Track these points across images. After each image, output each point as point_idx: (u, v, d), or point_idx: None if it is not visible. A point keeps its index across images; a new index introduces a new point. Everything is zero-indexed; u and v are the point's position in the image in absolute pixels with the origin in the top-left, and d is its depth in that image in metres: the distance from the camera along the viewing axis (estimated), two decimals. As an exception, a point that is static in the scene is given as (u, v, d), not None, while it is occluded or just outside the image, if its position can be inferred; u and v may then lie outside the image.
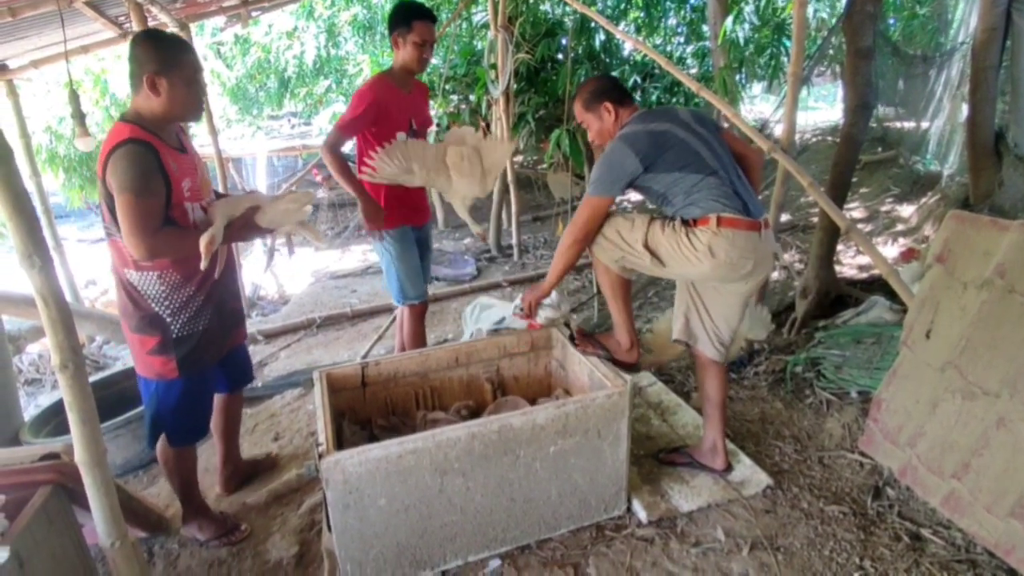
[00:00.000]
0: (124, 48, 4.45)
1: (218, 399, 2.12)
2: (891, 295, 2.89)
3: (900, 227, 5.09)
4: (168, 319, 1.75)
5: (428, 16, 2.33)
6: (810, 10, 6.10)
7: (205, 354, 1.85)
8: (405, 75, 2.44)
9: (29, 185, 2.76)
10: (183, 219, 1.72)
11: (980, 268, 1.87)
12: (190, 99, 1.70)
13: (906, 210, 5.38)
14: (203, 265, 1.68)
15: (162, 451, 1.94)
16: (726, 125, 3.60)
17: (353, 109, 2.33)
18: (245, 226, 1.81)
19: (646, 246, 1.83)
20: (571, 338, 2.16)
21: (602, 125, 1.93)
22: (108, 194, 1.60)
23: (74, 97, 3.01)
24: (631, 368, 2.09)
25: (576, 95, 1.98)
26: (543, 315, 2.27)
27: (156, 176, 1.61)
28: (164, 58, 1.63)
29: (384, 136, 2.36)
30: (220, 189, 4.60)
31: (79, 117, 3.02)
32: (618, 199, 2.10)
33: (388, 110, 2.36)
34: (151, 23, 3.43)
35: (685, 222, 1.80)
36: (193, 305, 1.79)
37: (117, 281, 1.77)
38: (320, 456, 1.58)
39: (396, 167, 2.27)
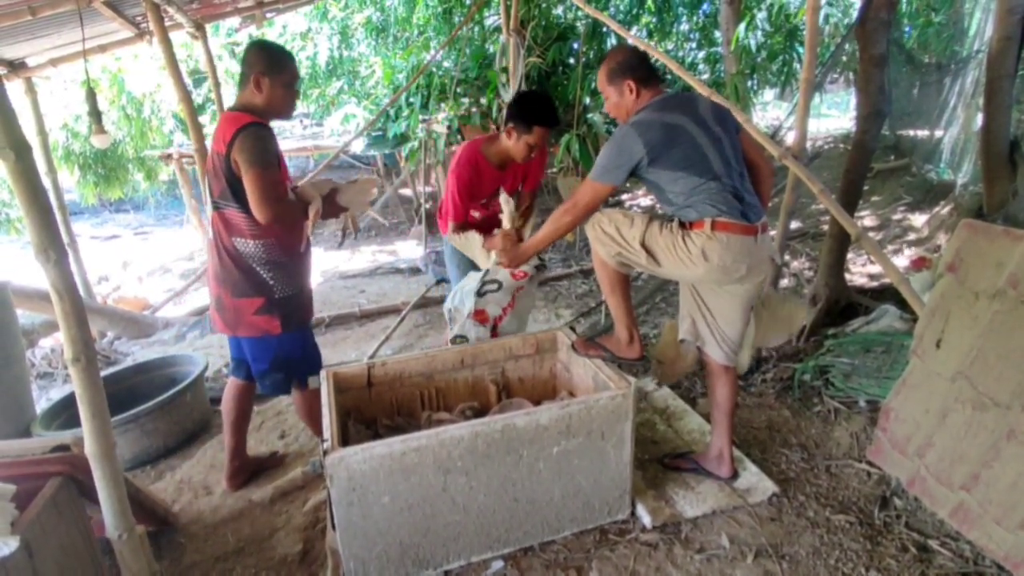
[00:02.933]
0: (141, 48, 4.51)
1: (238, 387, 2.24)
2: (901, 304, 2.87)
3: (912, 236, 5.05)
4: (271, 282, 2.01)
5: (550, 122, 2.27)
6: (822, 16, 6.09)
7: (302, 311, 2.13)
8: (506, 158, 2.41)
9: (45, 181, 2.80)
10: (286, 194, 2.00)
11: (992, 278, 1.85)
12: (286, 100, 1.98)
13: (918, 219, 5.33)
14: (309, 231, 2.06)
15: (302, 398, 2.20)
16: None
17: (451, 195, 2.42)
18: (331, 204, 2.12)
19: (643, 244, 1.84)
20: (572, 347, 2.15)
21: (621, 101, 1.89)
22: (229, 170, 1.85)
23: (91, 95, 3.06)
24: (635, 362, 2.09)
25: (602, 63, 1.94)
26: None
27: (276, 154, 1.90)
28: (270, 63, 1.91)
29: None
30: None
31: (96, 115, 3.07)
32: (627, 203, 2.09)
33: (471, 189, 2.42)
34: (168, 23, 3.48)
35: (682, 224, 1.80)
36: (289, 270, 2.05)
37: (221, 251, 1.99)
38: (325, 453, 1.59)
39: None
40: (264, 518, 2.14)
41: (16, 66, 3.91)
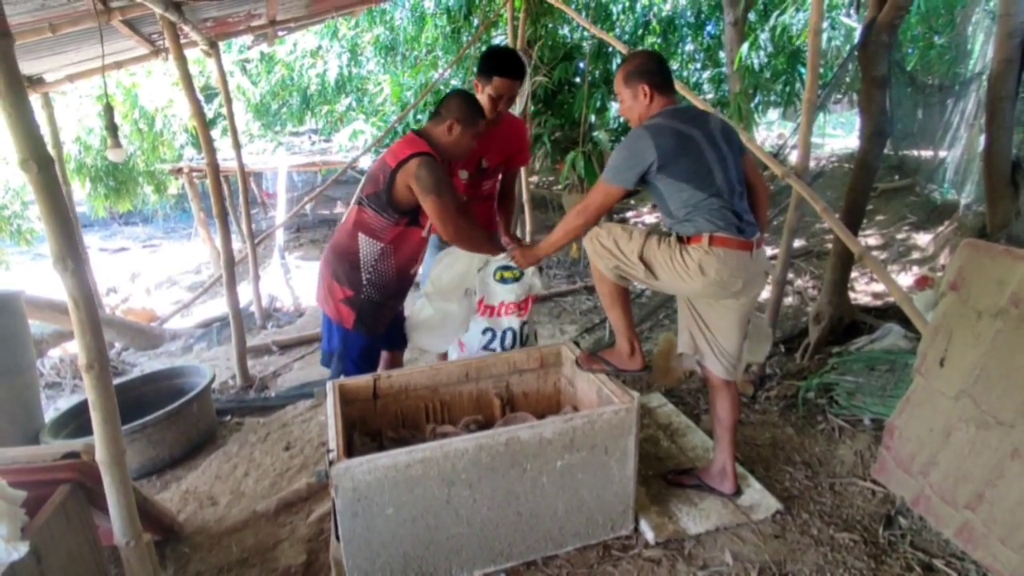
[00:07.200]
0: (156, 64, 4.57)
1: (384, 355, 2.48)
2: (905, 322, 2.87)
3: (916, 255, 5.06)
4: (364, 282, 2.17)
5: (510, 73, 2.30)
6: (824, 38, 6.17)
7: (378, 320, 2.26)
8: None
9: (60, 193, 2.85)
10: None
11: (995, 297, 1.87)
12: (466, 149, 2.19)
13: (922, 238, 5.35)
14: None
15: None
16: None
17: None
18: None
19: (641, 258, 1.86)
20: (576, 361, 2.17)
21: (634, 104, 1.92)
22: (391, 182, 2.04)
23: (108, 110, 3.13)
24: (638, 374, 2.10)
25: (622, 64, 1.98)
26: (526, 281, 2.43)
27: (448, 178, 2.09)
28: (468, 115, 2.11)
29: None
30: (241, 202, 4.72)
31: (112, 130, 3.13)
32: (631, 219, 2.12)
33: None
34: (182, 41, 3.56)
35: (680, 238, 1.83)
36: (387, 282, 2.21)
37: (342, 237, 2.20)
38: (331, 463, 1.60)
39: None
40: (268, 529, 2.15)
41: (34, 81, 4.00)
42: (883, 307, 3.75)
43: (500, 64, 2.31)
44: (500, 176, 2.65)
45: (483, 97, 2.34)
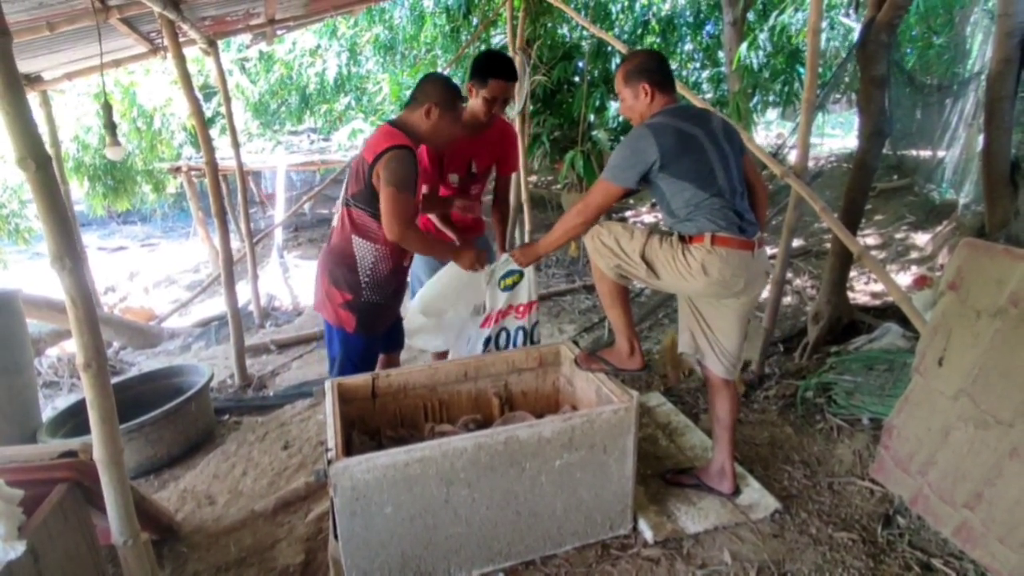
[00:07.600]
0: (155, 63, 4.56)
1: (381, 357, 2.46)
2: (904, 322, 2.87)
3: (914, 255, 5.07)
4: (363, 285, 2.15)
5: (505, 75, 2.30)
6: (823, 38, 6.18)
7: (379, 321, 2.25)
8: (473, 120, 2.41)
9: (58, 192, 2.84)
10: (415, 217, 2.16)
11: (993, 296, 1.86)
12: (446, 134, 2.12)
13: (921, 238, 5.35)
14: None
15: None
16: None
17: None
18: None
19: (643, 257, 1.86)
20: (575, 361, 2.17)
21: (635, 103, 1.91)
22: (370, 178, 1.99)
23: (107, 109, 3.12)
24: (637, 373, 2.10)
25: (621, 63, 1.97)
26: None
27: (415, 178, 2.02)
28: (446, 98, 2.05)
29: (432, 178, 2.43)
30: (240, 201, 4.71)
31: (111, 128, 3.12)
32: (630, 219, 2.11)
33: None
34: (181, 39, 3.55)
35: (682, 238, 1.83)
36: (386, 280, 2.18)
37: (336, 242, 2.16)
38: (329, 462, 1.60)
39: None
40: (266, 528, 2.14)
41: (32, 79, 3.99)
42: (882, 307, 3.75)
43: (495, 66, 2.31)
44: (488, 181, 2.66)
45: (477, 101, 2.33)
